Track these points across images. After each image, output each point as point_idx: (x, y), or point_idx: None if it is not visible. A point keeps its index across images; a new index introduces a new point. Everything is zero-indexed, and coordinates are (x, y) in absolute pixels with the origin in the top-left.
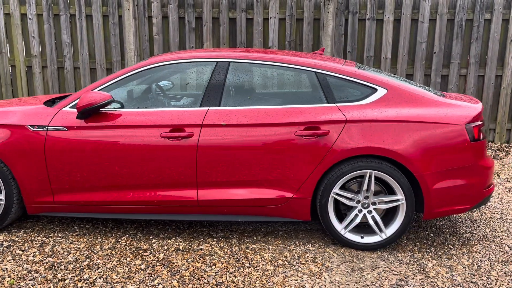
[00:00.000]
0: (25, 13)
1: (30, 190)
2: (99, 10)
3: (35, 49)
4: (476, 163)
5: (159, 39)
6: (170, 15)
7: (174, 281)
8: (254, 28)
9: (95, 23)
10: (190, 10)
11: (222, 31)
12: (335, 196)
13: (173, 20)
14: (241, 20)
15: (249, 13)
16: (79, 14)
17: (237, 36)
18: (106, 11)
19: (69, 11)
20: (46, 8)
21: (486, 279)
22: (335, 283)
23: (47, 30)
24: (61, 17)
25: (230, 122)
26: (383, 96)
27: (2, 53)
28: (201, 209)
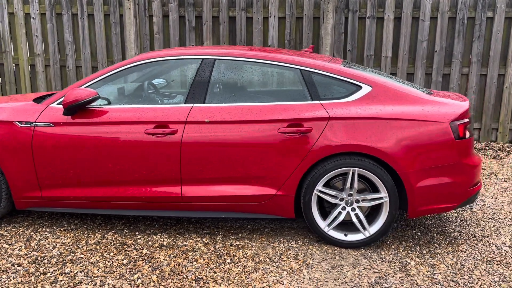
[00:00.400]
0: (28, 13)
1: (18, 185)
2: (100, 9)
3: (38, 48)
4: (461, 161)
5: (159, 38)
6: (170, 14)
7: (153, 276)
8: (253, 27)
9: (97, 22)
10: (190, 9)
11: (222, 30)
12: (319, 193)
13: (173, 19)
14: (240, 19)
15: (249, 11)
16: (81, 13)
17: (237, 35)
18: (107, 10)
19: (71, 10)
20: (49, 8)
21: (468, 278)
22: (314, 280)
23: (50, 29)
24: (63, 16)
25: (214, 119)
26: (367, 93)
27: (6, 52)
28: (186, 205)
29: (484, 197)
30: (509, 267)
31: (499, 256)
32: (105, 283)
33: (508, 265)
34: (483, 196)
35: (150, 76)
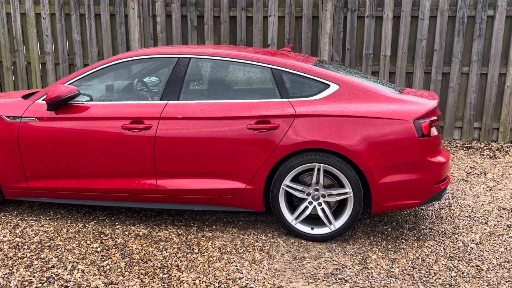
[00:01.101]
0: (39, 13)
1: (6, 176)
2: (106, 9)
3: (48, 47)
4: (425, 158)
5: (162, 37)
6: (173, 14)
7: (122, 263)
8: (253, 26)
9: (103, 22)
10: (192, 9)
11: (223, 29)
12: (286, 188)
13: (176, 19)
14: (241, 18)
15: (249, 11)
16: (88, 14)
17: (237, 34)
18: (113, 11)
19: (79, 11)
20: (58, 8)
21: (425, 273)
22: (272, 270)
23: (59, 29)
24: (72, 17)
25: (186, 115)
26: (335, 91)
27: (19, 51)
28: (160, 197)
29: (466, 195)
30: (470, 263)
31: (463, 253)
32: (76, 268)
33: (469, 261)
34: (466, 194)
35: (131, 74)
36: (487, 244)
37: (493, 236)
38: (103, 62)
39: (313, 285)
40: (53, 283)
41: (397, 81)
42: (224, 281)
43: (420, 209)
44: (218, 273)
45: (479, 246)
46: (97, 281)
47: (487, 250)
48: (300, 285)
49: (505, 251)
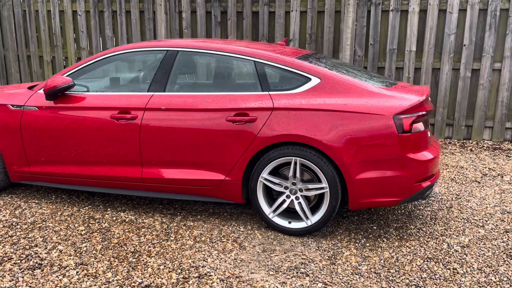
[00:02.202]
0: (75, 10)
1: (11, 161)
2: (136, 6)
3: (83, 43)
4: (405, 155)
5: (187, 32)
6: (198, 10)
7: (99, 246)
8: (275, 21)
9: (133, 18)
10: (216, 5)
11: (245, 25)
12: (264, 181)
13: (200, 15)
14: (263, 13)
15: (271, 6)
16: (119, 10)
17: (259, 29)
18: (142, 7)
19: (112, 8)
20: (92, 6)
21: (394, 272)
22: (238, 260)
23: (93, 25)
24: (104, 13)
25: (170, 107)
26: (315, 85)
27: (57, 46)
28: (146, 186)
29: (472, 197)
30: (447, 266)
31: (444, 255)
32: (55, 248)
33: (447, 264)
34: (472, 196)
35: (124, 66)
36: (475, 247)
37: (485, 240)
38: (99, 55)
39: (273, 277)
40: (30, 260)
41: (423, 77)
42: (187, 268)
43: (416, 208)
44: (185, 260)
45: (464, 249)
46: (70, 261)
47: (472, 253)
48: (260, 276)
49: (491, 256)
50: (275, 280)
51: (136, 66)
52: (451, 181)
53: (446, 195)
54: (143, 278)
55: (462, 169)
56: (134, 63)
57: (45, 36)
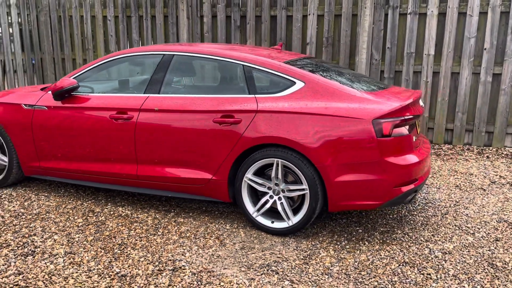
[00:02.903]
0: (105, 15)
1: (24, 156)
2: (161, 11)
3: (112, 46)
4: (383, 159)
5: (208, 36)
6: (218, 14)
7: (91, 236)
8: (293, 25)
9: (158, 23)
10: (236, 9)
11: (264, 29)
12: (248, 181)
13: (221, 19)
14: (281, 17)
15: (289, 10)
16: (145, 15)
17: (277, 33)
18: (166, 12)
19: (138, 13)
20: (121, 11)
21: (365, 274)
22: (214, 256)
23: (121, 29)
24: (132, 18)
25: (162, 108)
26: (299, 89)
27: (89, 49)
28: (140, 183)
29: (472, 204)
30: (422, 271)
31: (422, 260)
32: (51, 237)
33: (423, 269)
34: (472, 203)
35: (124, 69)
36: (457, 254)
37: (471, 248)
38: (103, 58)
39: (243, 273)
40: (26, 247)
41: (441, 81)
42: (164, 261)
43: (409, 213)
44: (165, 254)
45: (445, 255)
46: (60, 250)
47: (452, 260)
48: (231, 272)
49: (471, 264)
50: (244, 276)
51: (136, 69)
52: (455, 188)
53: (445, 201)
54: (122, 268)
55: (471, 176)
56: (134, 66)
57: (78, 40)
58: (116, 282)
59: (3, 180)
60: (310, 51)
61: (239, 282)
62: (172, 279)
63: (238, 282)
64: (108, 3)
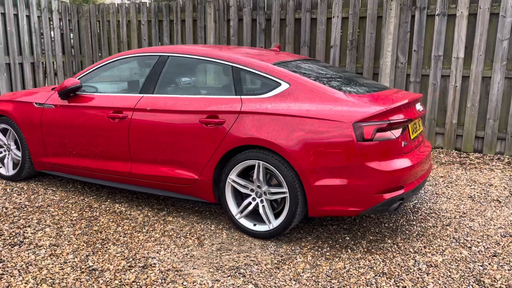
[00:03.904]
0: (139, 20)
1: (34, 151)
2: (190, 15)
3: None
4: (364, 164)
5: (234, 39)
6: (244, 18)
7: (79, 231)
8: (317, 28)
9: (187, 27)
10: (261, 13)
11: (288, 31)
12: (232, 182)
13: (246, 23)
14: (305, 20)
15: (313, 13)
16: (176, 20)
17: (301, 36)
18: (195, 16)
19: (169, 17)
20: (153, 16)
21: (335, 282)
22: (188, 256)
23: (153, 33)
24: (163, 23)
25: (154, 108)
26: (284, 90)
27: None
28: (133, 180)
29: (480, 216)
30: (398, 283)
31: (402, 272)
32: (43, 229)
33: (400, 281)
34: (480, 215)
35: (125, 69)
36: (444, 268)
37: (462, 262)
38: (105, 60)
39: (211, 274)
40: (16, 238)
41: (471, 86)
42: (138, 258)
43: (407, 223)
44: (141, 251)
45: (430, 268)
46: (46, 241)
47: (435, 274)
48: (198, 272)
49: (456, 279)
50: (210, 277)
51: (136, 69)
52: (467, 199)
53: (452, 212)
54: (96, 263)
55: (490, 187)
56: (134, 67)
57: (114, 43)
58: (84, 276)
59: (17, 174)
60: (334, 54)
61: (202, 283)
62: (138, 276)
63: (202, 283)
64: (142, 8)
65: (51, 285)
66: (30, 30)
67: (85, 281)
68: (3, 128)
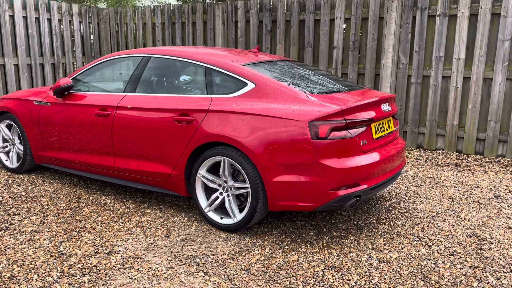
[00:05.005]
0: (154, 22)
1: (34, 146)
2: (201, 18)
3: None
4: (318, 161)
5: (241, 41)
6: (251, 20)
7: (61, 219)
8: (320, 29)
9: (198, 28)
10: (267, 14)
11: (292, 33)
12: (201, 177)
13: (253, 24)
14: (309, 21)
15: (317, 14)
16: (187, 22)
17: (305, 37)
18: (205, 18)
19: (181, 20)
20: (167, 18)
21: (283, 273)
22: (152, 244)
23: (167, 35)
24: (176, 25)
25: (133, 106)
26: (250, 90)
27: None
28: (117, 174)
29: (453, 217)
30: (344, 276)
31: (352, 266)
32: (30, 217)
33: (347, 274)
34: (453, 216)
35: (113, 69)
36: (395, 264)
37: (416, 259)
38: (96, 61)
39: (167, 261)
40: (3, 224)
41: (473, 87)
42: (107, 245)
43: (377, 221)
44: (111, 239)
45: (381, 264)
46: (29, 228)
47: (385, 269)
48: (157, 260)
49: (404, 275)
50: (166, 264)
51: (123, 70)
52: (447, 200)
53: (425, 212)
54: (66, 248)
55: (476, 188)
56: (122, 67)
57: (131, 44)
58: (53, 259)
59: (20, 167)
60: (336, 55)
61: (157, 269)
62: (100, 261)
63: (156, 269)
64: (157, 11)
65: (20, 266)
66: (51, 33)
67: (51, 264)
68: (8, 124)
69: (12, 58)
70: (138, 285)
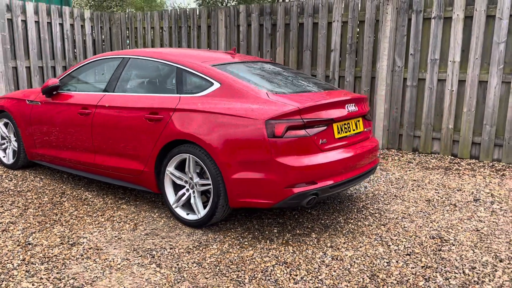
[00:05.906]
0: (162, 27)
1: (27, 143)
2: (205, 22)
3: None
4: (274, 159)
5: (243, 44)
6: (252, 23)
7: (39, 212)
8: (318, 32)
9: (202, 32)
10: (267, 18)
11: (292, 36)
12: (169, 174)
13: (254, 28)
14: (307, 24)
15: (315, 17)
16: (193, 26)
17: (304, 40)
18: (209, 22)
19: (187, 24)
20: (174, 22)
21: (233, 267)
22: (115, 237)
23: (174, 39)
24: (182, 29)
25: (111, 105)
26: (215, 90)
27: None
28: (98, 171)
29: (422, 219)
30: (293, 272)
31: (304, 263)
32: (11, 210)
33: (296, 270)
34: (423, 218)
35: (96, 70)
36: (347, 262)
37: (370, 257)
38: (81, 62)
39: (125, 253)
40: None
41: (468, 90)
42: (73, 237)
43: (346, 221)
44: (79, 232)
45: (334, 261)
46: (7, 219)
47: (335, 267)
48: (115, 252)
49: (353, 272)
50: (124, 256)
51: (105, 70)
52: (423, 202)
53: (397, 213)
54: (35, 239)
55: (457, 192)
56: (103, 68)
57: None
58: (19, 248)
59: (15, 163)
60: (334, 58)
61: (112, 260)
62: (61, 251)
63: (112, 260)
64: (164, 16)
65: None
66: (62, 37)
67: (15, 252)
68: (5, 122)
69: (24, 60)
70: (90, 275)
